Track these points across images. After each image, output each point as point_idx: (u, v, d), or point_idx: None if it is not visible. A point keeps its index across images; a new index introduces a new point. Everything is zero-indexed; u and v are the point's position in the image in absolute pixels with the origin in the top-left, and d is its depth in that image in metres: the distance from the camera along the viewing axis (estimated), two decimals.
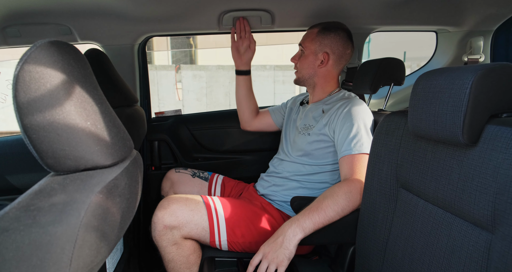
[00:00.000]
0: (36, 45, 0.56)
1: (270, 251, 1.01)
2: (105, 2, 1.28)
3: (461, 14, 1.51)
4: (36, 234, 0.45)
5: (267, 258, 1.01)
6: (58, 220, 0.47)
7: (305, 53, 1.39)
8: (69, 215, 0.48)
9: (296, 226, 1.02)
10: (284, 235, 1.02)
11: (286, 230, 1.02)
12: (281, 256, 1.00)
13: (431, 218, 0.79)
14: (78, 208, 0.49)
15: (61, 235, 0.47)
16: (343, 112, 1.24)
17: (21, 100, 0.53)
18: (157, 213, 1.14)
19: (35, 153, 0.55)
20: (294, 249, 1.01)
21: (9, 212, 0.47)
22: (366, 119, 1.22)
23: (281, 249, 1.00)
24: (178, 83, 9.30)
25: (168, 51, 10.88)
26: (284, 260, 1.00)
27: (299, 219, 1.04)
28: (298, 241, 1.01)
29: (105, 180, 0.56)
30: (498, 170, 0.62)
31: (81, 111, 0.58)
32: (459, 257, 0.69)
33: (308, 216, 1.04)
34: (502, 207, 0.60)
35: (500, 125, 0.65)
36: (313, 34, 1.37)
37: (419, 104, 0.79)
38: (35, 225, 0.46)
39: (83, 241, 0.49)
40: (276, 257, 1.00)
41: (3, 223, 0.45)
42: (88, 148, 0.57)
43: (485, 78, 0.66)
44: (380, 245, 0.96)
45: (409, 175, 0.88)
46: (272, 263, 1.00)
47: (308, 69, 1.39)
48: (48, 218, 0.47)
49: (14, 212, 0.47)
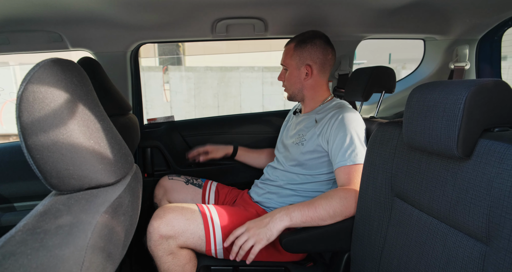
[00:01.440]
0: (40, 65, 0.55)
1: (254, 227, 1.06)
2: (96, 9, 1.27)
3: (448, 23, 1.55)
4: (44, 257, 0.45)
5: (248, 232, 1.06)
6: (65, 242, 0.47)
7: (289, 71, 1.40)
8: (76, 237, 0.48)
9: (285, 213, 1.07)
10: (272, 217, 1.07)
11: (275, 214, 1.07)
12: (262, 235, 1.05)
13: (426, 227, 0.82)
14: (85, 229, 0.49)
15: (68, 257, 0.46)
16: (336, 123, 1.25)
17: (25, 121, 0.53)
18: (152, 222, 1.14)
19: (39, 173, 0.54)
20: (276, 234, 1.05)
21: (15, 235, 0.46)
22: (358, 129, 1.23)
23: (264, 229, 1.05)
24: (166, 84, 9.22)
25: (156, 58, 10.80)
26: (263, 239, 1.04)
27: (290, 208, 1.08)
28: (283, 227, 1.05)
29: (110, 199, 0.56)
30: (492, 184, 0.64)
31: (84, 130, 0.58)
32: (454, 268, 0.72)
33: (299, 208, 1.08)
34: (497, 220, 0.63)
35: (493, 140, 0.68)
36: (291, 50, 1.38)
37: (413, 117, 0.81)
38: (42, 248, 0.46)
39: (90, 262, 0.49)
40: (257, 234, 1.05)
41: (10, 247, 0.44)
42: (92, 167, 0.57)
43: (478, 94, 0.68)
44: (375, 253, 0.98)
45: (403, 185, 0.90)
46: (251, 238, 1.05)
47: (295, 84, 1.41)
48: (55, 241, 0.47)
49: (21, 235, 0.46)
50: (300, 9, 1.40)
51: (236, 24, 1.51)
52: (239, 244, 1.06)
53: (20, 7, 1.22)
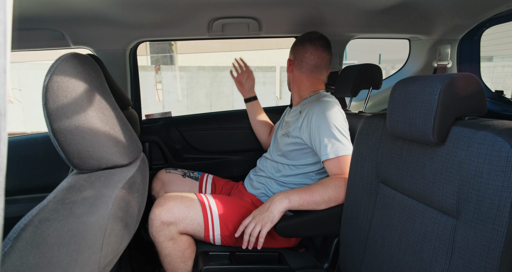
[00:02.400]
0: (61, 58, 0.62)
1: (259, 213, 1.17)
2: (98, 8, 1.33)
3: (431, 24, 1.65)
4: (73, 223, 0.52)
5: (255, 219, 1.17)
6: (91, 211, 0.54)
7: None
8: (99, 207, 0.55)
9: (284, 196, 1.17)
10: (272, 201, 1.17)
11: (275, 198, 1.18)
12: (266, 218, 1.15)
13: (407, 208, 0.90)
14: (107, 201, 0.56)
15: (94, 224, 0.54)
16: (314, 117, 1.29)
17: (50, 107, 0.59)
18: (154, 210, 1.20)
19: (62, 154, 0.61)
20: (278, 215, 1.15)
21: (47, 205, 0.53)
22: (336, 120, 1.27)
23: (267, 212, 1.15)
24: (158, 84, 9.23)
25: (147, 56, 10.80)
26: (268, 222, 1.14)
27: (289, 192, 1.19)
28: (283, 208, 1.15)
29: (125, 177, 0.63)
30: (462, 165, 0.73)
31: (101, 117, 0.65)
32: (429, 241, 0.80)
33: (297, 192, 1.18)
34: (465, 196, 0.71)
35: (463, 127, 0.76)
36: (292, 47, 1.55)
37: (396, 108, 0.90)
38: (71, 215, 0.53)
39: (111, 229, 0.56)
40: (261, 219, 1.15)
41: (44, 214, 0.51)
42: (108, 149, 0.64)
43: (451, 87, 0.77)
44: (362, 235, 1.06)
45: (387, 171, 0.99)
46: (258, 224, 1.15)
47: (289, 77, 1.58)
48: (82, 210, 0.54)
49: (52, 205, 0.53)
50: (292, 9, 1.48)
51: (232, 24, 1.58)
52: (248, 232, 1.15)
53: (24, 6, 1.27)
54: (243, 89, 1.80)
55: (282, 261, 1.29)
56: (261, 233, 1.14)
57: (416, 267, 0.83)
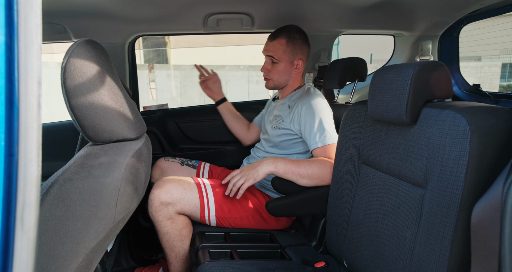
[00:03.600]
0: (77, 43, 0.71)
1: (246, 169, 1.32)
2: (98, 3, 1.41)
3: (413, 20, 1.76)
4: (92, 183, 0.61)
5: (241, 173, 1.31)
6: (106, 174, 0.63)
7: (279, 63, 1.50)
8: (114, 171, 0.64)
9: (272, 161, 1.30)
10: (260, 162, 1.31)
11: (264, 160, 1.31)
12: (250, 175, 1.29)
13: (385, 184, 1.00)
14: (119, 166, 0.65)
15: (109, 184, 0.62)
16: (303, 109, 1.40)
17: (68, 86, 0.68)
18: (153, 191, 1.29)
19: (79, 127, 0.70)
20: (262, 175, 1.28)
21: (69, 168, 0.62)
22: (323, 112, 1.39)
23: (253, 170, 1.29)
24: (152, 82, 9.27)
25: (140, 50, 10.79)
26: (251, 178, 1.29)
27: (278, 159, 1.31)
28: (268, 171, 1.29)
29: (134, 148, 0.72)
30: (429, 141, 0.83)
31: (111, 95, 0.74)
32: (402, 210, 0.90)
33: (285, 162, 1.30)
34: (431, 167, 0.81)
35: (432, 108, 0.87)
36: (283, 45, 1.48)
37: (375, 93, 1.00)
38: (90, 177, 0.61)
39: (124, 190, 0.65)
40: (247, 175, 1.29)
41: (67, 175, 0.60)
42: (118, 124, 0.73)
43: (421, 73, 0.87)
44: (346, 212, 1.16)
45: (369, 152, 1.09)
46: (242, 177, 1.30)
47: (284, 76, 1.53)
48: (99, 172, 0.62)
49: (73, 168, 0.62)
50: (283, 6, 1.58)
51: (226, 19, 1.67)
52: (233, 182, 1.31)
53: None
54: (213, 93, 1.83)
55: (273, 240, 1.39)
56: (243, 186, 1.29)
57: (391, 234, 0.93)
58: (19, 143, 0.43)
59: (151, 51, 11.16)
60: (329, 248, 1.25)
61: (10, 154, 0.43)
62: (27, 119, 0.43)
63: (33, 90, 0.44)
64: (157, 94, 9.16)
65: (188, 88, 9.00)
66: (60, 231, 0.56)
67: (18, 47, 0.43)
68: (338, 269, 1.21)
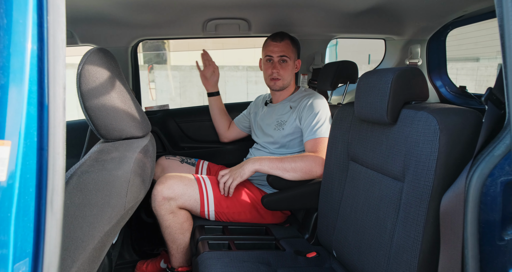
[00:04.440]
0: (90, 52, 0.80)
1: (234, 169, 1.43)
2: (104, 9, 1.50)
3: (402, 25, 1.85)
4: (105, 175, 0.70)
5: (229, 173, 1.43)
6: (118, 167, 0.72)
7: (288, 62, 1.62)
8: (124, 164, 0.73)
9: (257, 160, 1.42)
10: (247, 162, 1.42)
11: (249, 161, 1.42)
12: (237, 174, 1.40)
13: (369, 179, 1.09)
14: (129, 161, 0.74)
15: (120, 176, 0.71)
16: (307, 105, 1.53)
17: (83, 89, 0.77)
18: (156, 187, 1.38)
19: (93, 126, 0.78)
20: (248, 174, 1.40)
21: (85, 162, 0.71)
22: (325, 110, 1.53)
23: (240, 169, 1.41)
24: (152, 83, 9.35)
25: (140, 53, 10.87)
26: (238, 177, 1.40)
27: (263, 157, 1.44)
28: (253, 169, 1.40)
29: (141, 145, 0.81)
30: (407, 139, 0.92)
31: (120, 98, 0.83)
32: (384, 202, 0.99)
33: (269, 159, 1.42)
34: (408, 163, 0.90)
35: (409, 109, 0.96)
36: (289, 45, 1.62)
37: (361, 96, 1.09)
38: (104, 170, 0.70)
39: (133, 181, 0.73)
40: (234, 174, 1.41)
41: (84, 168, 0.69)
42: (127, 123, 0.82)
43: (401, 77, 0.96)
44: (335, 205, 1.25)
45: (356, 150, 1.18)
46: (230, 177, 1.41)
47: (291, 75, 1.66)
48: (111, 166, 0.71)
49: (89, 162, 0.71)
50: (278, 11, 1.67)
51: (224, 24, 1.76)
52: (223, 181, 1.42)
53: None
54: (208, 83, 1.91)
55: (269, 233, 1.48)
56: (232, 185, 1.40)
57: (374, 224, 1.02)
58: (48, 138, 0.52)
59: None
60: (320, 239, 1.34)
61: (41, 148, 0.52)
62: (55, 119, 0.52)
63: (59, 94, 0.53)
64: (157, 94, 9.24)
65: (187, 89, 9.07)
66: (79, 216, 0.65)
67: (48, 58, 0.52)
68: (328, 258, 1.30)
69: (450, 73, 2.01)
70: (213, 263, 1.16)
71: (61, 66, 0.53)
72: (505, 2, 0.60)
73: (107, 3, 1.40)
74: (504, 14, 0.60)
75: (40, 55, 0.52)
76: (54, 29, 0.53)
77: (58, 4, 0.52)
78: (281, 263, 1.24)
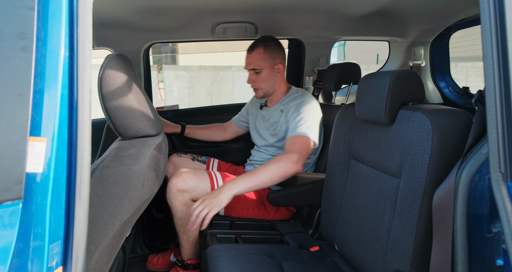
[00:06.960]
0: (110, 57, 0.87)
1: (207, 198, 1.29)
2: (118, 15, 1.58)
3: (406, 28, 1.90)
4: (124, 170, 0.77)
5: (203, 203, 1.27)
6: (135, 162, 0.79)
7: (263, 72, 1.61)
8: (140, 160, 0.80)
9: (232, 184, 1.32)
10: (221, 189, 1.31)
11: (224, 186, 1.32)
12: (214, 203, 1.27)
13: (369, 176, 1.15)
14: (145, 157, 0.81)
15: (137, 171, 0.79)
16: (294, 106, 1.55)
17: (104, 92, 0.84)
18: (172, 179, 1.45)
19: (112, 125, 0.86)
20: (226, 201, 1.28)
21: (106, 158, 0.78)
22: (311, 110, 1.52)
23: (216, 198, 1.28)
24: (161, 83, 9.48)
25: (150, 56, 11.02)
26: (215, 207, 1.27)
27: (235, 179, 1.35)
28: (231, 195, 1.30)
29: (155, 142, 0.89)
30: (403, 138, 0.98)
31: (137, 99, 0.90)
32: (382, 198, 1.05)
33: (243, 178, 1.35)
34: (404, 160, 0.96)
35: (406, 110, 1.01)
36: (260, 54, 1.59)
37: (361, 97, 1.14)
38: (122, 165, 0.78)
39: (148, 176, 0.81)
40: (210, 204, 1.27)
41: (105, 163, 0.76)
42: (142, 122, 0.89)
43: (398, 80, 1.02)
44: (338, 202, 1.31)
45: (357, 149, 1.24)
46: (206, 207, 1.26)
47: (269, 83, 1.64)
48: (129, 161, 0.79)
49: (109, 158, 0.78)
50: (283, 15, 1.73)
51: (232, 28, 1.83)
52: (195, 214, 1.26)
53: None
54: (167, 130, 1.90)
55: (274, 228, 1.55)
56: (208, 215, 1.26)
57: (373, 218, 1.08)
58: (77, 136, 0.59)
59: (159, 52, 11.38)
60: (323, 234, 1.40)
61: (70, 144, 0.60)
62: (83, 118, 0.60)
63: (86, 97, 0.60)
64: (166, 94, 9.37)
65: (196, 89, 9.18)
66: (100, 207, 0.72)
67: (77, 65, 0.60)
68: (330, 252, 1.36)
69: (461, 72, 2.04)
70: (220, 255, 1.23)
71: (88, 72, 0.61)
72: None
73: (123, 9, 1.48)
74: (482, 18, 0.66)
75: (71, 62, 0.60)
76: (83, 39, 0.60)
77: (86, 18, 0.59)
78: (285, 256, 1.30)
